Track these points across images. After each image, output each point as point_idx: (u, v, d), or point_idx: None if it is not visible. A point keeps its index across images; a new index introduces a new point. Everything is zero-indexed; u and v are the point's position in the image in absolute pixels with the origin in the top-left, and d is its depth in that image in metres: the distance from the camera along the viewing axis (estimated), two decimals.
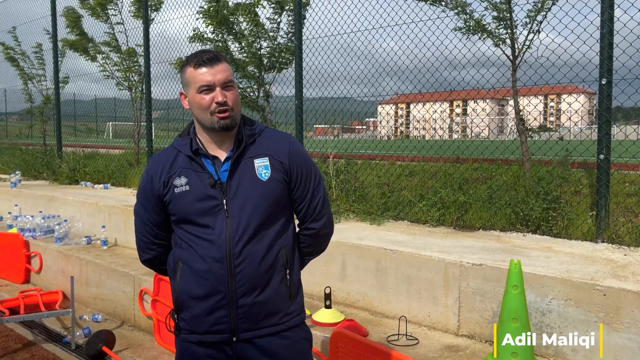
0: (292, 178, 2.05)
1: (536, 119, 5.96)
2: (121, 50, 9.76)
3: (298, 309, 2.09)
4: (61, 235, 6.46)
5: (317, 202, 2.12)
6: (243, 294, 1.94)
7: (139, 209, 2.15)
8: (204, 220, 1.96)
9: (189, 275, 1.98)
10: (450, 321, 3.80)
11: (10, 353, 4.68)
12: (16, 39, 12.14)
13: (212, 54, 1.95)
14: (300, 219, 2.16)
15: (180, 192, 1.99)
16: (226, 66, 1.97)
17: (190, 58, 1.98)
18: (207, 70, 1.93)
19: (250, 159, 2.01)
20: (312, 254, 2.24)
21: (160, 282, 4.62)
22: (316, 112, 7.34)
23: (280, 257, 2.01)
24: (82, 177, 9.50)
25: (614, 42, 4.16)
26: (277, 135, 2.11)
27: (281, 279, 2.01)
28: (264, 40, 7.28)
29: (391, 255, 4.09)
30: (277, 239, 2.01)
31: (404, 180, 6.06)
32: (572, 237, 4.33)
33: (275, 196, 2.01)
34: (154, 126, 9.80)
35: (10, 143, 15.58)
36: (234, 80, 2.00)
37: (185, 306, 2.01)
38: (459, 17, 5.37)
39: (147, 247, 2.18)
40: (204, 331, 1.98)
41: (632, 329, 3.03)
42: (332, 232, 2.24)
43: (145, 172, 2.12)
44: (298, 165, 2.06)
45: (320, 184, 2.14)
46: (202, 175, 1.99)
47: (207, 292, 1.95)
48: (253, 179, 1.99)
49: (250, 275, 1.94)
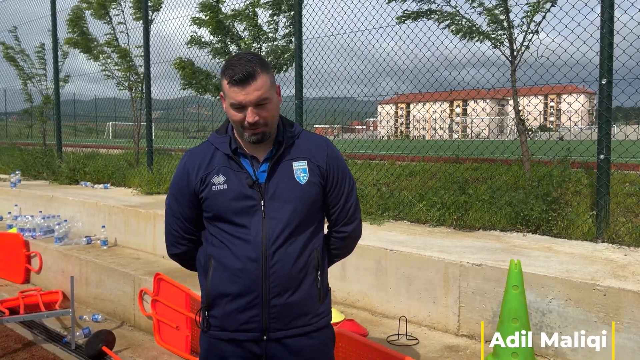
0: (328, 182, 2.07)
1: (536, 119, 5.96)
2: (121, 51, 9.76)
3: (326, 310, 2.11)
4: (61, 235, 6.46)
5: (350, 206, 2.14)
6: (276, 294, 1.95)
7: (171, 202, 2.14)
8: (240, 220, 1.96)
9: (222, 273, 1.99)
10: (450, 321, 3.80)
11: (10, 353, 4.68)
12: (17, 38, 12.14)
13: (246, 72, 1.87)
14: (332, 222, 2.18)
15: (217, 190, 1.99)
16: (262, 81, 1.89)
17: (226, 68, 1.91)
18: (239, 90, 1.88)
19: (289, 161, 2.02)
20: (340, 256, 2.27)
21: (160, 282, 4.62)
22: (316, 112, 7.34)
23: (312, 259, 2.03)
24: (82, 177, 9.50)
25: (614, 42, 4.16)
26: (315, 139, 2.13)
27: (313, 281, 2.03)
28: (264, 42, 7.28)
29: (391, 255, 4.09)
30: (310, 241, 2.03)
31: (404, 180, 6.06)
32: (572, 237, 4.33)
33: (312, 199, 2.02)
34: (154, 126, 9.81)
35: (10, 143, 15.57)
36: (270, 96, 1.93)
37: (217, 303, 2.01)
38: (453, 24, 5.37)
39: (176, 242, 2.17)
40: (234, 329, 1.99)
41: (632, 329, 3.03)
42: (360, 235, 2.26)
43: (180, 166, 2.11)
44: (334, 169, 2.08)
45: (353, 188, 2.16)
46: (240, 175, 1.99)
47: (240, 290, 1.96)
48: (291, 181, 2.00)
49: (284, 276, 1.95)
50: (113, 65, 9.93)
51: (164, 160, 8.70)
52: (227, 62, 1.94)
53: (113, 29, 9.79)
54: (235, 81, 1.88)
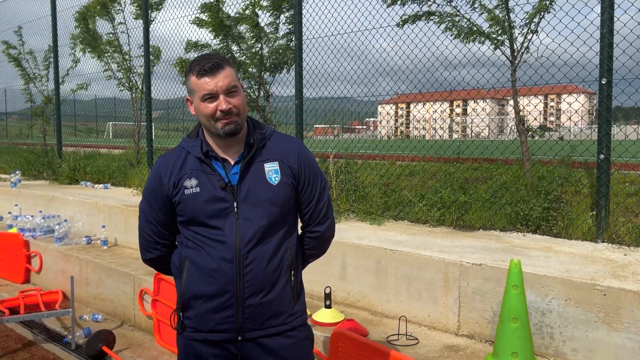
0: (299, 182, 2.10)
1: (536, 119, 5.96)
2: (122, 51, 9.76)
3: (301, 309, 2.13)
4: (61, 235, 6.46)
5: (322, 206, 2.17)
6: (251, 294, 1.97)
7: (144, 206, 2.16)
8: (214, 222, 1.98)
9: (196, 274, 2.00)
10: (450, 321, 3.80)
11: (10, 353, 4.68)
12: (21, 38, 12.14)
13: (214, 61, 1.94)
14: (305, 222, 2.20)
15: (190, 194, 2.00)
16: (229, 71, 1.96)
17: (192, 66, 1.97)
18: (209, 79, 1.93)
19: (260, 162, 2.04)
20: (314, 256, 2.30)
21: (160, 282, 4.62)
22: (316, 112, 7.34)
23: (285, 259, 2.05)
24: (82, 177, 9.51)
25: (614, 42, 4.16)
26: (286, 140, 2.15)
27: (287, 280, 2.05)
28: (264, 43, 7.28)
29: (391, 255, 4.09)
30: (284, 241, 2.05)
31: (404, 180, 6.05)
32: (572, 237, 4.33)
33: (284, 200, 2.04)
34: (154, 126, 9.80)
35: (11, 143, 15.57)
36: (238, 85, 2.00)
37: (192, 304, 2.02)
38: (454, 26, 5.36)
39: (150, 247, 2.19)
40: (209, 330, 2.00)
41: (632, 329, 3.03)
42: (334, 234, 2.30)
43: (153, 171, 2.13)
44: (306, 170, 2.11)
45: (325, 188, 2.19)
46: (213, 178, 2.01)
47: (215, 291, 1.97)
48: (263, 182, 2.02)
49: (259, 276, 1.97)
50: (115, 65, 9.94)
51: None
52: (191, 63, 2.00)
53: (114, 29, 9.80)
54: (205, 71, 1.93)
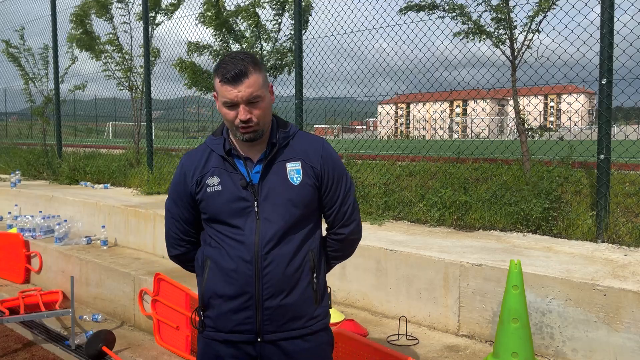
0: (322, 183, 2.05)
1: (536, 119, 5.96)
2: (122, 50, 9.75)
3: (323, 313, 2.09)
4: (61, 235, 6.46)
5: (347, 208, 2.12)
6: (269, 296, 1.95)
7: (170, 204, 2.16)
8: (235, 221, 1.97)
9: (217, 274, 1.99)
10: (450, 321, 3.80)
11: (10, 353, 4.68)
12: (22, 37, 12.13)
13: (238, 69, 1.87)
14: (329, 224, 2.17)
15: (212, 192, 1.99)
16: (254, 79, 1.89)
17: (218, 67, 1.93)
18: (231, 88, 1.88)
19: (282, 162, 2.01)
20: (339, 259, 2.25)
21: (160, 282, 4.62)
22: (316, 112, 7.34)
23: (307, 261, 2.01)
24: (82, 177, 9.50)
25: (614, 42, 4.16)
26: (310, 139, 2.11)
27: (308, 283, 2.02)
28: (265, 42, 7.28)
29: (391, 255, 4.09)
30: (305, 242, 2.02)
31: (404, 180, 6.05)
32: (572, 237, 4.33)
33: (306, 201, 2.01)
34: (154, 126, 9.79)
35: (11, 143, 15.57)
36: (262, 93, 1.93)
37: (212, 304, 2.02)
38: (455, 20, 5.37)
39: (176, 243, 2.19)
40: (229, 330, 1.99)
41: (632, 329, 3.03)
42: (360, 237, 2.24)
43: (178, 169, 2.13)
44: (329, 170, 2.06)
45: (350, 190, 2.14)
46: (235, 176, 1.99)
47: (234, 291, 1.96)
48: (285, 182, 1.99)
49: (278, 278, 1.95)
50: (114, 65, 9.93)
51: (164, 160, 8.70)
52: (219, 61, 1.95)
53: (114, 28, 9.79)
54: (227, 79, 1.88)
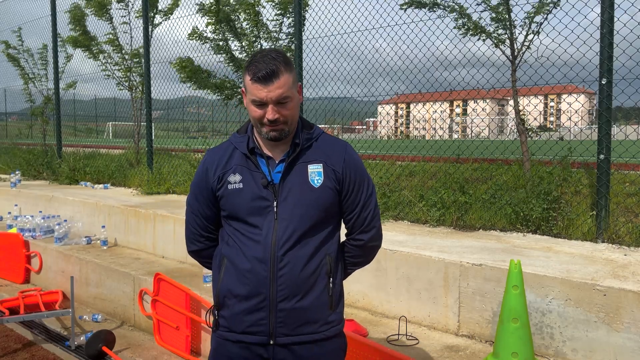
0: (343, 187, 2.03)
1: (536, 119, 5.96)
2: (122, 50, 9.75)
3: (337, 319, 2.07)
4: (61, 235, 6.46)
5: (368, 214, 2.09)
6: (284, 298, 1.93)
7: (191, 199, 2.16)
8: (253, 220, 1.96)
9: (233, 273, 1.98)
10: (450, 321, 3.80)
11: (10, 353, 4.68)
12: (20, 37, 12.13)
13: (270, 69, 1.86)
14: (348, 229, 2.14)
15: (233, 189, 1.99)
16: (285, 79, 1.89)
17: (250, 64, 1.91)
18: (261, 87, 1.87)
19: (304, 163, 2.00)
20: (357, 265, 2.22)
21: (160, 282, 4.62)
22: (316, 112, 7.34)
23: (324, 265, 1.99)
24: (82, 177, 9.50)
25: (614, 42, 4.16)
26: (333, 142, 2.10)
27: (324, 287, 1.99)
28: (265, 41, 7.27)
29: (391, 255, 4.09)
30: (322, 246, 2.00)
31: (404, 180, 6.05)
32: (572, 237, 4.33)
33: (325, 204, 1.99)
34: (154, 126, 9.80)
35: (11, 143, 15.57)
36: (291, 94, 1.93)
37: (227, 304, 2.01)
38: (456, 21, 5.37)
39: (194, 239, 2.19)
40: (241, 331, 1.98)
41: (632, 329, 3.03)
42: (380, 244, 2.20)
43: (201, 164, 2.12)
44: (351, 175, 2.04)
45: (372, 195, 2.11)
46: (256, 175, 1.99)
47: (248, 292, 1.94)
48: (305, 184, 1.98)
49: (292, 280, 1.93)
50: (113, 65, 9.93)
51: (164, 160, 8.70)
52: (251, 58, 1.94)
53: (114, 28, 9.79)
54: (258, 78, 1.87)
